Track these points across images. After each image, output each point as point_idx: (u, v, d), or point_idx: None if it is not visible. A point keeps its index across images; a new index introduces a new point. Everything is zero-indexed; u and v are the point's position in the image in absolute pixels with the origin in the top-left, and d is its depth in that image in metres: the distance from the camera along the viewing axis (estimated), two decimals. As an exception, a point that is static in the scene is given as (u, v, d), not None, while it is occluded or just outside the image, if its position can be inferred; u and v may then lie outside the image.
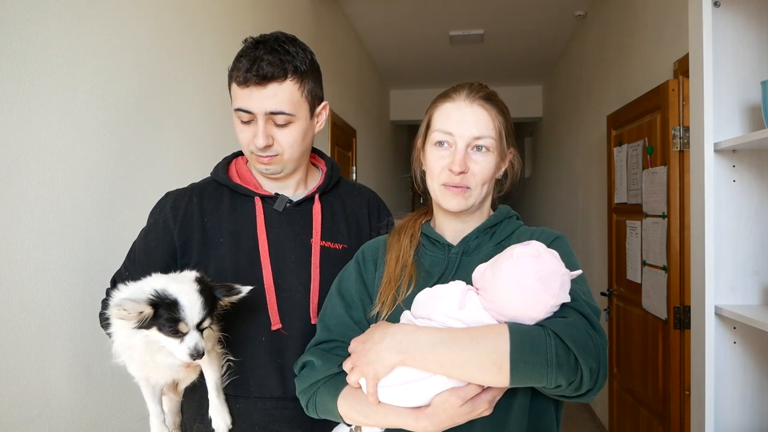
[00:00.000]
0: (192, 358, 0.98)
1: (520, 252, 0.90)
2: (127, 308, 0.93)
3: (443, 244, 1.09)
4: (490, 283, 0.91)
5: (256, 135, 1.16)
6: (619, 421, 3.29)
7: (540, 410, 0.99)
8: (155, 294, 0.96)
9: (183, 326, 0.97)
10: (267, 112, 1.15)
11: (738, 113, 1.49)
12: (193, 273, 1.05)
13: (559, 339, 0.85)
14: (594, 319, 0.91)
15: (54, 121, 1.35)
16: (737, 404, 1.48)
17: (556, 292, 0.88)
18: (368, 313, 1.08)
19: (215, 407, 1.14)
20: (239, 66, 1.15)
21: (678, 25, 2.56)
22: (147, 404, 1.12)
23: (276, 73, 1.13)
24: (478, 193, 1.06)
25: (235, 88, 1.17)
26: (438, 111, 1.07)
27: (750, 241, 1.50)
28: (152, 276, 1.04)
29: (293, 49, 1.17)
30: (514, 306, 0.89)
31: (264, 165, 1.20)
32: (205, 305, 0.99)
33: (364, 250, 1.16)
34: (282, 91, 1.15)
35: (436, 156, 1.06)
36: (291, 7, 3.18)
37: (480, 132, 1.03)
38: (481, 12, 4.38)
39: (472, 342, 0.87)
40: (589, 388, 0.87)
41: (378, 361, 0.91)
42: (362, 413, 0.96)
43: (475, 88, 1.06)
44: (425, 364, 0.88)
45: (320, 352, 1.06)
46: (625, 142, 3.07)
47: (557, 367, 0.84)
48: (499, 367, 0.85)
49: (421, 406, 0.92)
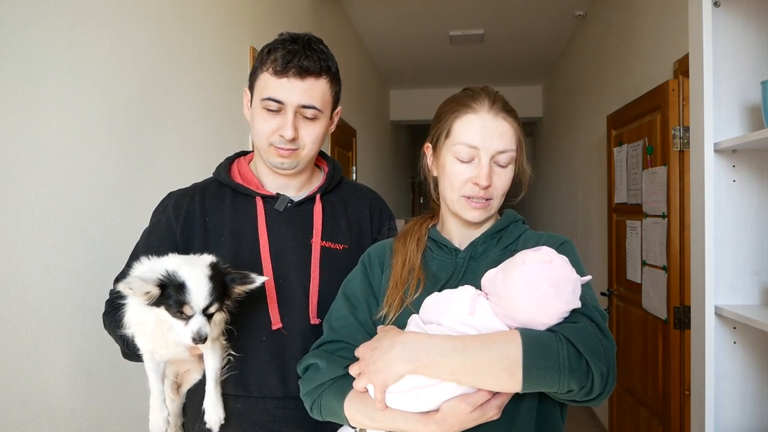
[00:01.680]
0: (194, 341, 0.98)
1: (533, 258, 0.90)
2: (133, 287, 0.95)
3: (450, 248, 1.09)
4: (502, 288, 0.91)
5: (284, 126, 1.17)
6: (619, 421, 3.29)
7: (547, 412, 0.99)
8: (165, 275, 0.98)
9: (188, 309, 0.98)
10: (299, 105, 1.16)
11: (738, 113, 1.49)
12: (210, 258, 1.05)
13: (571, 344, 0.86)
14: (603, 324, 0.91)
15: (54, 121, 1.35)
16: (737, 404, 1.48)
17: (568, 298, 0.88)
18: (374, 315, 1.08)
19: (210, 400, 1.13)
20: (275, 56, 1.16)
21: (678, 25, 2.56)
22: (149, 381, 1.11)
23: (315, 68, 1.16)
24: (498, 203, 1.07)
25: (266, 77, 1.17)
26: (460, 122, 1.05)
27: (750, 241, 1.50)
28: (169, 256, 1.05)
29: (327, 50, 1.21)
30: (525, 311, 0.89)
31: (282, 158, 1.20)
32: (213, 291, 0.99)
33: (370, 253, 1.16)
34: (317, 86, 1.18)
35: (458, 168, 1.04)
36: (291, 7, 3.18)
37: (504, 146, 1.03)
38: (481, 12, 4.38)
39: (485, 349, 0.87)
40: (599, 393, 0.88)
41: (387, 369, 0.90)
42: (369, 417, 0.95)
43: (495, 98, 1.06)
44: (436, 372, 0.88)
45: (325, 354, 1.05)
46: (625, 142, 3.07)
47: (569, 372, 0.84)
48: (512, 373, 0.85)
49: (430, 411, 0.91)
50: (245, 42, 2.49)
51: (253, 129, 1.21)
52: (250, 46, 2.51)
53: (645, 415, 2.85)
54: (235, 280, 1.04)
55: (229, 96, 2.30)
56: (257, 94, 1.19)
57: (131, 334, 1.07)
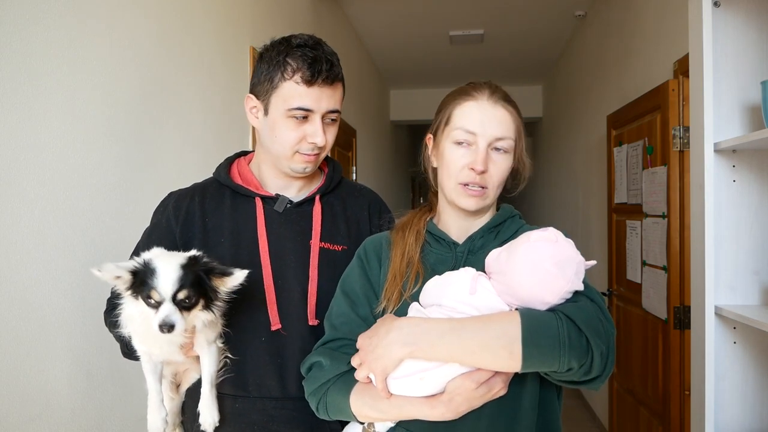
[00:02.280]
0: (161, 329, 0.97)
1: (538, 236, 0.91)
2: (102, 270, 0.96)
3: (448, 242, 1.09)
4: (506, 265, 0.92)
5: (315, 134, 1.17)
6: (619, 421, 3.29)
7: (547, 401, 1.00)
8: (141, 263, 0.99)
9: (155, 294, 0.98)
10: (327, 111, 1.18)
11: (738, 113, 1.49)
12: (192, 252, 1.05)
13: (572, 321, 0.86)
14: (604, 307, 0.92)
15: (54, 121, 1.35)
16: (737, 404, 1.48)
17: (572, 278, 0.89)
18: (374, 309, 1.08)
19: (206, 402, 1.14)
20: (298, 65, 1.14)
21: (678, 25, 2.56)
22: (147, 381, 1.11)
23: (339, 73, 1.19)
24: (494, 193, 1.07)
25: (292, 86, 1.15)
26: (459, 109, 1.06)
27: (750, 241, 1.50)
28: (155, 249, 1.06)
29: (334, 51, 1.22)
30: (528, 288, 0.90)
31: (307, 164, 1.21)
32: (183, 278, 0.98)
33: (365, 246, 1.16)
34: (339, 91, 1.21)
35: (456, 154, 1.05)
36: (291, 7, 3.18)
37: (502, 133, 1.04)
38: (481, 12, 4.38)
39: (483, 328, 0.87)
40: (597, 374, 0.88)
41: (386, 355, 0.90)
42: (376, 408, 0.95)
43: (495, 89, 1.07)
44: (434, 353, 0.88)
45: (328, 352, 1.05)
46: (625, 142, 3.07)
47: (569, 348, 0.84)
48: (511, 351, 0.85)
49: (435, 395, 0.91)
50: (245, 42, 2.49)
51: (273, 138, 1.19)
52: (250, 46, 2.51)
53: (645, 415, 2.85)
54: (213, 271, 1.03)
55: (229, 96, 2.29)
56: (281, 103, 1.16)
57: (128, 334, 1.07)
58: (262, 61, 1.20)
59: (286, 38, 1.20)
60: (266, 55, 1.19)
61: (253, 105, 1.22)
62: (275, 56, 1.17)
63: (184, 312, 1.00)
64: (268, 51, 1.19)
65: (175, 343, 1.07)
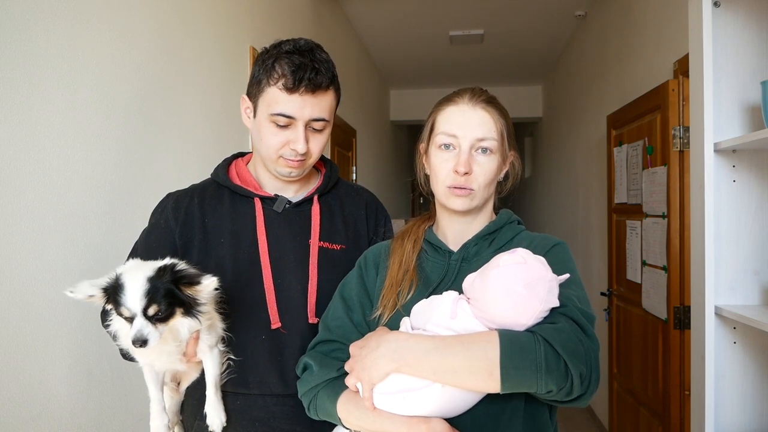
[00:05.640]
0: (134, 344, 0.95)
1: (506, 260, 0.92)
2: (75, 291, 0.95)
3: (444, 250, 1.10)
4: (480, 292, 0.93)
5: (296, 140, 1.17)
6: (619, 421, 3.29)
7: (534, 414, 0.99)
8: (112, 278, 0.98)
9: (124, 310, 0.96)
10: (310, 119, 1.17)
11: (738, 113, 1.50)
12: (164, 262, 1.01)
13: (549, 344, 0.86)
14: (585, 325, 0.91)
15: (54, 121, 1.35)
16: (737, 404, 1.48)
17: (544, 297, 0.89)
18: (369, 317, 1.10)
19: (212, 404, 1.15)
20: (283, 71, 1.14)
21: (678, 25, 2.56)
22: (148, 389, 1.11)
23: (325, 82, 1.16)
24: (482, 194, 1.07)
25: (275, 92, 1.15)
26: (441, 114, 1.09)
27: (750, 241, 1.50)
28: (130, 261, 1.04)
29: (328, 56, 1.20)
30: (503, 313, 0.90)
31: (291, 168, 1.21)
32: (151, 292, 0.96)
33: (366, 255, 1.18)
34: (326, 99, 1.18)
35: (440, 159, 1.07)
36: (291, 7, 3.18)
37: (483, 134, 1.05)
38: (481, 12, 4.38)
39: (464, 349, 0.88)
40: (580, 394, 0.88)
41: (373, 367, 0.92)
42: (359, 418, 0.97)
43: (477, 92, 1.08)
44: (419, 370, 0.90)
45: (319, 356, 1.07)
46: (625, 142, 3.07)
47: (547, 372, 0.85)
48: (490, 373, 0.86)
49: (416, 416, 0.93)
50: (245, 42, 2.49)
51: (260, 140, 1.20)
52: (250, 46, 2.51)
53: (645, 415, 2.85)
54: (182, 280, 0.99)
55: (229, 96, 2.30)
56: (265, 107, 1.17)
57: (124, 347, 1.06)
58: (256, 64, 1.21)
59: (281, 43, 1.20)
60: (260, 58, 1.20)
61: (247, 106, 1.24)
62: (266, 60, 1.18)
63: (159, 324, 0.97)
64: (262, 54, 1.20)
65: (174, 353, 1.06)
